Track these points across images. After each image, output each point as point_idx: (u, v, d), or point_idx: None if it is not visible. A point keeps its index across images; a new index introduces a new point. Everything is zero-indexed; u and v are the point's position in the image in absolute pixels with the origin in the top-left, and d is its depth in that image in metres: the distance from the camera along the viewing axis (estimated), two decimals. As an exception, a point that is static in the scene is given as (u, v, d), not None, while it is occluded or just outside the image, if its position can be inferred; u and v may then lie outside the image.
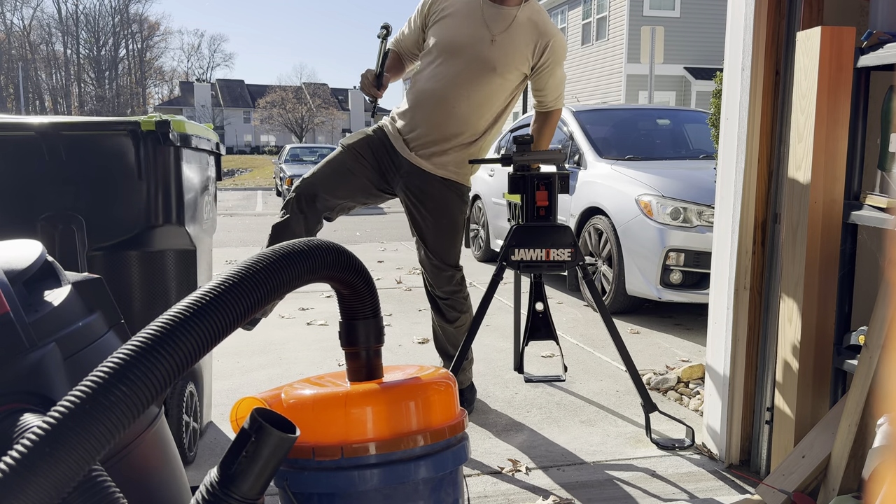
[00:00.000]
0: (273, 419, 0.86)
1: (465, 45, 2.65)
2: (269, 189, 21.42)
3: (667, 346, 3.98)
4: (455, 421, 1.09)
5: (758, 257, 2.32)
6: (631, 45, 19.78)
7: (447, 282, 2.80)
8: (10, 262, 0.98)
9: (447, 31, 2.68)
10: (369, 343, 1.09)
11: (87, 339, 1.00)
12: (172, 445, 1.12)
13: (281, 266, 0.88)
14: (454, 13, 2.68)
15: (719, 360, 2.44)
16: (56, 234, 2.12)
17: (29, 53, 59.33)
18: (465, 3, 2.69)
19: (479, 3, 2.67)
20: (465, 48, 2.65)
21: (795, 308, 2.04)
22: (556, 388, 3.23)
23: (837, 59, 1.95)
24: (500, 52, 2.64)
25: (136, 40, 63.83)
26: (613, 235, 4.61)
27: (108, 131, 2.17)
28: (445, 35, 2.68)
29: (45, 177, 2.13)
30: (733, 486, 2.27)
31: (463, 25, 2.66)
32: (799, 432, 2.04)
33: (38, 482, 0.67)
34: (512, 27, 2.66)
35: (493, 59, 2.64)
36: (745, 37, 2.26)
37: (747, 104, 2.26)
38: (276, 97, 47.73)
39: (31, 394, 0.86)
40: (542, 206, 2.62)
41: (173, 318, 0.78)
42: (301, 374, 3.46)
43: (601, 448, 2.58)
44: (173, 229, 2.25)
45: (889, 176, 1.95)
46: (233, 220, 12.88)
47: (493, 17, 2.66)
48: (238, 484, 0.84)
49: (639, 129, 6.01)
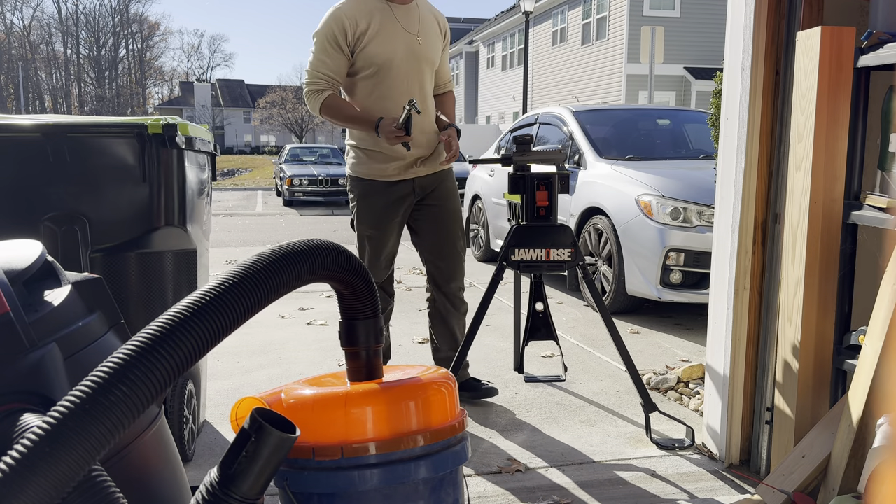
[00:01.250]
0: (273, 419, 0.86)
1: (404, 54, 2.73)
2: (269, 189, 21.41)
3: (667, 346, 3.98)
4: (455, 421, 1.09)
5: (758, 257, 2.32)
6: (631, 45, 19.77)
7: (462, 267, 2.95)
8: (10, 262, 0.98)
9: (382, 47, 2.69)
10: (369, 343, 1.09)
11: (87, 339, 1.00)
12: (172, 445, 1.12)
13: (281, 266, 0.88)
14: (378, 30, 2.69)
15: (719, 360, 2.44)
16: (59, 235, 2.12)
17: (29, 53, 59.32)
18: (377, 16, 2.70)
19: (388, 9, 2.72)
20: (406, 57, 2.73)
21: (795, 308, 2.04)
22: (556, 388, 3.23)
23: (837, 59, 1.95)
24: (426, 46, 2.80)
25: (136, 40, 63.84)
26: (613, 235, 4.61)
27: (113, 133, 2.17)
28: (383, 52, 2.70)
29: (48, 177, 2.13)
30: (733, 486, 2.27)
31: (392, 38, 2.71)
32: (799, 432, 2.04)
33: (38, 482, 0.67)
34: (421, 21, 2.80)
35: (428, 55, 2.80)
36: (745, 37, 2.26)
37: (747, 104, 2.26)
38: (276, 97, 47.70)
39: (31, 394, 0.86)
40: (542, 206, 2.62)
41: (173, 318, 0.78)
42: (301, 374, 3.46)
43: (601, 448, 2.58)
44: (175, 230, 2.25)
45: (889, 176, 1.95)
46: (233, 220, 12.88)
47: (404, 18, 2.75)
48: (238, 484, 0.84)
49: (639, 129, 6.01)
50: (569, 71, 23.39)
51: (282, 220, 12.81)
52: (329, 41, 2.70)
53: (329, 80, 2.72)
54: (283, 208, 15.42)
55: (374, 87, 2.73)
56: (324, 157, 18.18)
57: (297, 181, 15.44)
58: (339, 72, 2.73)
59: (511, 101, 26.98)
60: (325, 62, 2.71)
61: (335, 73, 2.73)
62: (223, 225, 11.60)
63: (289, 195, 15.57)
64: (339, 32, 2.69)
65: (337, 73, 2.73)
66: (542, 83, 25.08)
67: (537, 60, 25.08)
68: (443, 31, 2.91)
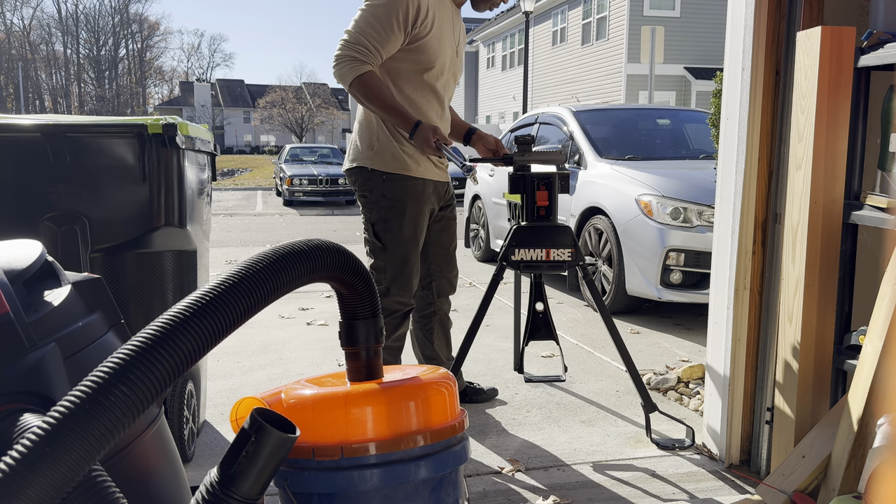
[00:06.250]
0: (273, 419, 0.86)
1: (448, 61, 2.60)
2: (269, 189, 21.41)
3: (667, 346, 3.98)
4: (455, 421, 1.09)
5: (758, 257, 2.32)
6: (631, 45, 19.77)
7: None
8: (10, 262, 0.98)
9: (436, 47, 2.51)
10: (369, 343, 1.09)
11: (87, 338, 1.00)
12: (172, 445, 1.12)
13: (281, 266, 0.88)
14: (439, 26, 2.50)
15: (719, 360, 2.44)
16: (59, 235, 2.12)
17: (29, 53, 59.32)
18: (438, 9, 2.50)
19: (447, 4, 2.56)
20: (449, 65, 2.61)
21: (795, 308, 2.04)
22: (556, 388, 3.23)
23: (837, 58, 1.94)
24: (461, 57, 2.71)
25: (136, 40, 63.84)
26: (613, 235, 4.61)
27: (113, 133, 2.17)
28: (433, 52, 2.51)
29: (48, 177, 2.13)
30: (733, 486, 2.27)
31: (444, 40, 2.55)
32: (799, 432, 2.04)
33: (38, 482, 0.67)
34: (461, 29, 2.69)
35: (461, 66, 2.72)
36: (746, 37, 2.26)
37: (747, 104, 2.26)
38: (276, 97, 47.71)
39: (31, 394, 0.86)
40: (543, 206, 2.62)
41: (173, 318, 0.78)
42: (301, 374, 3.46)
43: (601, 448, 2.58)
44: (175, 230, 2.25)
45: (889, 176, 1.95)
46: (233, 220, 12.88)
47: (455, 20, 2.63)
48: (238, 484, 0.84)
49: (639, 129, 6.01)
50: (569, 71, 23.40)
51: (282, 220, 12.81)
52: (395, 15, 2.38)
53: (376, 54, 2.40)
54: (283, 208, 15.42)
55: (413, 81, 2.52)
56: (324, 157, 18.19)
57: (297, 181, 15.45)
58: (388, 51, 2.43)
59: (511, 101, 26.98)
60: (380, 35, 2.38)
61: (385, 51, 2.41)
62: (223, 225, 11.59)
63: (289, 195, 15.58)
64: (408, 11, 2.39)
65: (386, 52, 2.42)
66: (542, 83, 25.08)
67: (537, 60, 25.08)
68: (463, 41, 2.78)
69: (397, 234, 2.54)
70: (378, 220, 2.56)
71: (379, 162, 2.53)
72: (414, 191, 2.54)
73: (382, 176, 2.53)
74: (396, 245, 2.54)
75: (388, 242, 2.55)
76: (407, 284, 2.58)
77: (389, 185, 2.53)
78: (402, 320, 2.64)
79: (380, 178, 2.53)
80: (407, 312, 2.65)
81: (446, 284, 2.82)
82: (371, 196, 2.56)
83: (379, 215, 2.55)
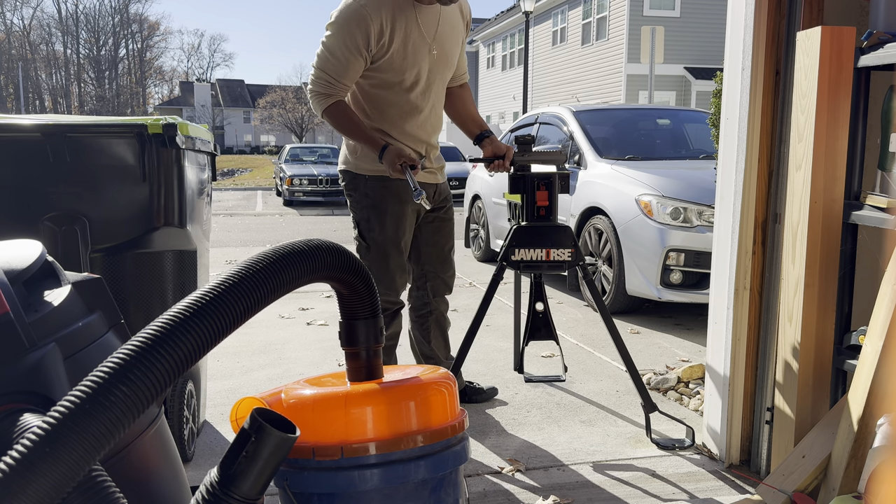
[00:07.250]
0: (273, 419, 0.86)
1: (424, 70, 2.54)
2: (269, 189, 21.40)
3: (667, 346, 3.98)
4: (455, 421, 1.09)
5: (758, 257, 2.32)
6: (631, 45, 19.77)
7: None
8: (10, 262, 0.98)
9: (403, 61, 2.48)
10: (369, 343, 1.09)
11: (87, 338, 1.00)
12: (172, 445, 1.12)
13: (281, 266, 0.88)
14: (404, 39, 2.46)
15: (719, 360, 2.44)
16: (59, 235, 2.12)
17: (29, 53, 59.31)
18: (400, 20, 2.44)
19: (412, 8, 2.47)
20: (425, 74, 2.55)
21: (795, 308, 2.04)
22: (556, 388, 3.23)
23: (837, 59, 1.94)
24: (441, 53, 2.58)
25: (136, 40, 63.84)
26: (613, 235, 4.61)
27: (113, 133, 2.17)
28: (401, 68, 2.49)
29: (48, 177, 2.13)
30: (733, 486, 2.27)
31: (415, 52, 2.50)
32: (799, 432, 2.04)
33: (38, 482, 0.67)
34: (441, 20, 2.55)
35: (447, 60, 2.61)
36: (745, 37, 2.26)
37: (747, 104, 2.26)
38: (276, 97, 47.70)
39: (31, 394, 0.86)
40: (543, 206, 2.62)
41: (173, 318, 0.78)
42: (301, 374, 3.46)
43: (601, 448, 2.58)
44: (175, 230, 2.25)
45: (889, 176, 1.95)
46: (233, 220, 12.88)
47: (426, 19, 2.50)
48: (238, 484, 0.84)
49: (639, 129, 6.01)
50: (569, 71, 23.40)
51: (282, 220, 12.81)
52: (347, 43, 2.39)
53: (340, 84, 2.46)
54: (283, 208, 15.42)
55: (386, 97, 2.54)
56: (324, 157, 18.18)
57: (297, 181, 15.45)
58: (352, 77, 2.47)
59: (511, 101, 26.98)
60: (340, 64, 2.42)
61: (347, 79, 2.46)
62: (223, 225, 11.59)
63: (289, 195, 15.58)
64: (361, 35, 2.39)
65: (349, 79, 2.47)
66: (542, 83, 25.08)
67: (537, 60, 25.08)
68: (465, 18, 2.68)
69: (379, 234, 2.60)
70: (361, 219, 2.63)
71: (362, 165, 2.61)
72: (396, 191, 2.58)
73: (365, 177, 2.61)
74: (378, 244, 2.61)
75: (371, 241, 2.62)
76: (392, 283, 2.65)
77: (372, 185, 2.59)
78: (391, 319, 2.71)
79: (363, 179, 2.61)
80: (396, 311, 2.71)
81: (441, 285, 2.83)
82: (355, 195, 2.65)
83: (362, 214, 2.63)
